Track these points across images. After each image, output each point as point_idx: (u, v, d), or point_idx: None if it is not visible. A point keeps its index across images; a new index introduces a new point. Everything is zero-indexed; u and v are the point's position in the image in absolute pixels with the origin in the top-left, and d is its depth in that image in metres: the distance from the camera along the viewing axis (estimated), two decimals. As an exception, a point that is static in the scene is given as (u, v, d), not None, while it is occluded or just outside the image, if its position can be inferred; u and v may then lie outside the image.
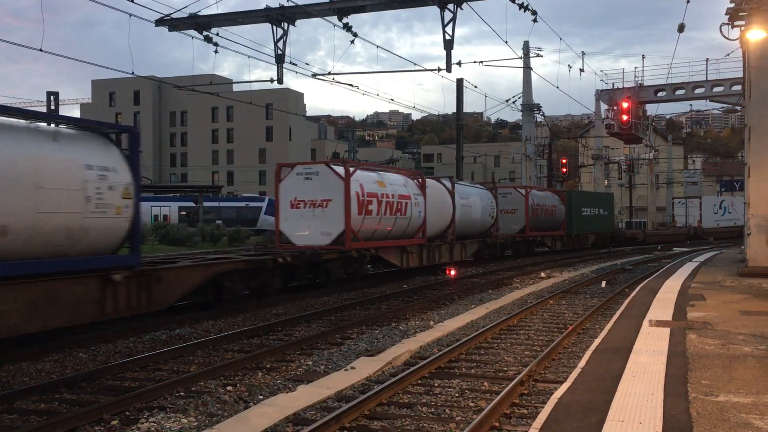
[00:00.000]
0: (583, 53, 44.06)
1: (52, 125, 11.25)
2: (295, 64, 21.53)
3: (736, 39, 20.62)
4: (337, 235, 19.02)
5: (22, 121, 10.61)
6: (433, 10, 19.09)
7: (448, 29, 19.03)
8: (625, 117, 34.24)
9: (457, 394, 8.29)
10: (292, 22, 20.54)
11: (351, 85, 24.15)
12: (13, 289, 9.61)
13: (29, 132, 10.46)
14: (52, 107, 46.74)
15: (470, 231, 28.49)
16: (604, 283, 21.17)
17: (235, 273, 15.41)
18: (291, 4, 19.92)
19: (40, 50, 16.61)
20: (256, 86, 77.76)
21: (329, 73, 22.76)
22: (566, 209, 39.56)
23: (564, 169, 58.80)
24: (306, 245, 19.00)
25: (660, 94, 37.45)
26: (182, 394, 8.36)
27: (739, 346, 9.00)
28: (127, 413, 7.60)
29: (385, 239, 21.19)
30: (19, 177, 9.84)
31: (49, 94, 47.12)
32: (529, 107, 46.99)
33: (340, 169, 19.36)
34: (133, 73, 19.76)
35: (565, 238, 39.44)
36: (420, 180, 23.67)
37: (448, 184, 26.18)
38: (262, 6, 20.81)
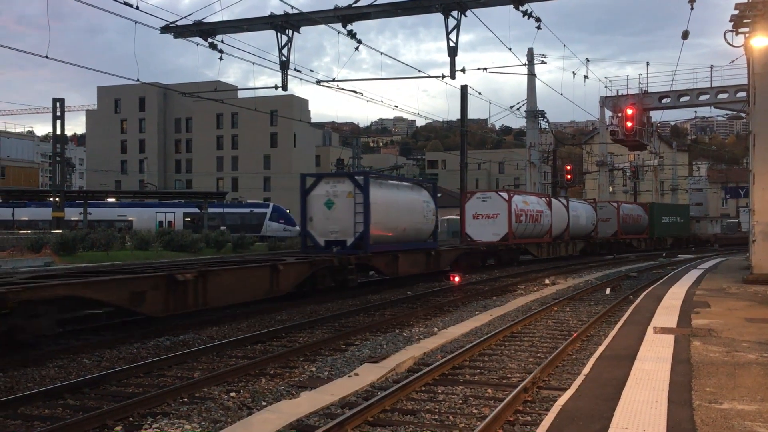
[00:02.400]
0: (588, 60, 44.15)
1: (406, 183, 26.10)
2: (300, 71, 21.57)
3: (741, 46, 20.60)
4: (503, 235, 31.05)
5: (397, 182, 25.05)
6: (439, 17, 19.15)
7: (452, 36, 19.08)
8: (629, 123, 34.20)
9: (460, 401, 8.27)
10: (296, 29, 20.61)
11: (355, 91, 24.29)
12: (407, 254, 22.34)
13: (408, 187, 24.48)
14: (58, 113, 46.94)
15: (578, 234, 40.61)
16: (608, 290, 21.11)
17: (464, 255, 27.68)
18: (296, 11, 20.00)
19: (46, 57, 16.72)
20: (260, 93, 78.05)
21: (333, 80, 22.85)
22: (649, 217, 50.17)
23: (568, 176, 58.72)
24: (483, 241, 30.61)
25: (664, 100, 37.43)
26: (186, 400, 8.36)
27: (744, 354, 8.97)
28: (131, 419, 7.61)
29: (528, 238, 33.35)
30: (409, 207, 23.18)
31: (54, 100, 47.34)
32: (534, 114, 46.97)
33: (505, 195, 32.07)
34: (138, 79, 19.85)
35: (648, 240, 50.49)
36: (547, 199, 36.86)
37: (564, 201, 38.96)
38: (267, 13, 20.88)
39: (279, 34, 20.53)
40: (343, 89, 23.45)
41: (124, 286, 12.11)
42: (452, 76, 19.92)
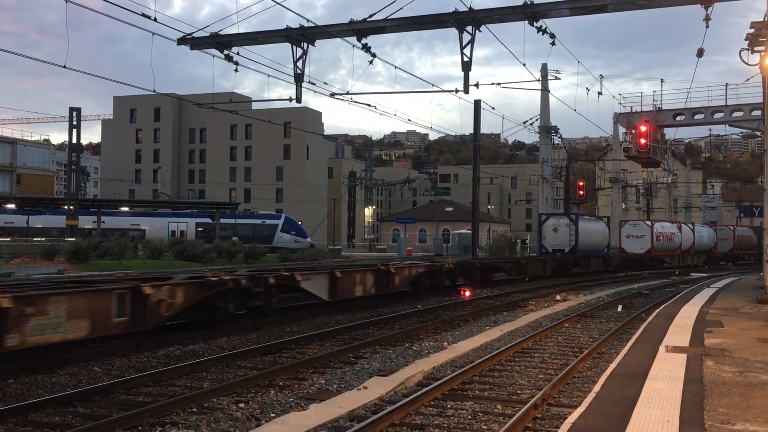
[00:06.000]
0: (602, 76, 43.82)
1: (593, 218, 49.97)
2: (314, 83, 21.64)
3: (756, 64, 20.51)
4: (646, 249, 45.39)
5: (588, 217, 48.26)
6: (455, 31, 19.16)
7: (467, 51, 19.10)
8: (643, 140, 34.03)
9: (469, 417, 8.23)
10: (311, 42, 20.71)
11: (369, 104, 24.28)
12: (594, 258, 42.09)
13: (594, 220, 45.94)
14: (74, 122, 47.39)
15: (702, 249, 55.16)
16: (620, 308, 20.96)
17: (623, 261, 44.71)
18: (311, 24, 20.12)
19: (64, 67, 16.89)
20: (275, 105, 78.28)
21: (347, 93, 22.90)
22: (758, 238, 60.48)
23: (581, 192, 58.50)
24: (634, 253, 45.34)
25: (679, 118, 37.26)
26: (195, 410, 8.37)
27: (757, 374, 8.88)
28: (140, 428, 7.63)
29: (664, 251, 47.99)
30: (595, 231, 42.89)
31: (71, 110, 47.81)
32: (547, 129, 46.90)
33: (648, 223, 46.92)
34: (154, 90, 20.01)
35: (756, 255, 61.59)
36: (678, 224, 51.07)
37: (691, 225, 53.74)
38: (284, 26, 20.98)
39: (294, 47, 20.63)
40: (356, 102, 23.47)
41: (515, 264, 31.70)
42: (466, 91, 19.93)
